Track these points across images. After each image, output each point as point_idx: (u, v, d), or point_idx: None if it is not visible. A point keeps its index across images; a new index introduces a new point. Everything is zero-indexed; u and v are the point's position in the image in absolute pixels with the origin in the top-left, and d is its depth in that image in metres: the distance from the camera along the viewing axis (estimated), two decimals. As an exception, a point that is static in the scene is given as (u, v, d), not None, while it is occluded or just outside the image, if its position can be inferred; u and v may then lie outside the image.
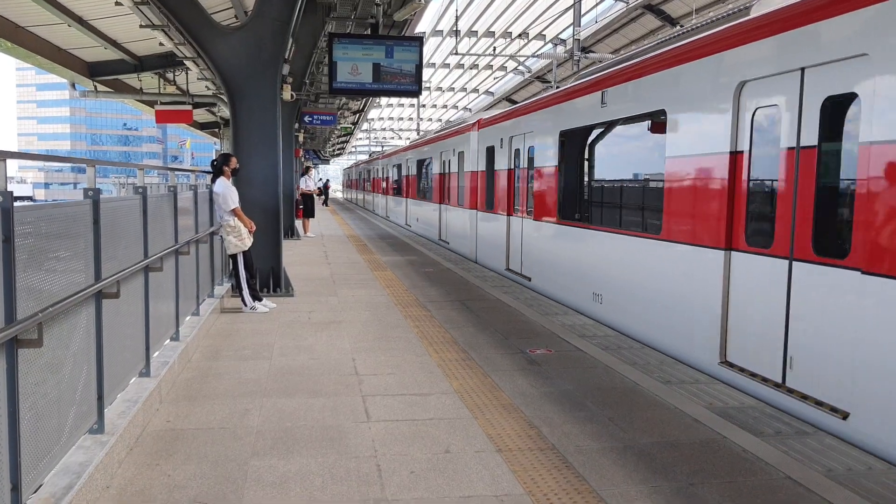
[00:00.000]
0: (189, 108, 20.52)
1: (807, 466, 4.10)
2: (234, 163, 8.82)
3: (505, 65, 33.69)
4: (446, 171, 18.12)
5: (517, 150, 12.10)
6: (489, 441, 4.50)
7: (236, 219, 8.54)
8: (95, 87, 18.90)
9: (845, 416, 4.70)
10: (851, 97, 4.78)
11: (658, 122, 7.21)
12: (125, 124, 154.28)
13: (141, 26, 12.73)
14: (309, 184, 20.93)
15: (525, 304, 9.35)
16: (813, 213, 5.06)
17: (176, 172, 8.09)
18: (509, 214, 12.54)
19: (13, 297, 2.91)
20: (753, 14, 5.99)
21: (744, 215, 5.85)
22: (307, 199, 20.70)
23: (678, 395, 5.43)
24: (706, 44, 6.39)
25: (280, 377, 5.90)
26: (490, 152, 13.80)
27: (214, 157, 9.13)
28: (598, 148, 8.98)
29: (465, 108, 45.77)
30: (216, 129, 32.12)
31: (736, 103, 5.90)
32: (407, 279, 11.55)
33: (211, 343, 7.09)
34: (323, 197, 44.25)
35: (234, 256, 8.69)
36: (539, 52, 27.78)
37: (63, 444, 3.56)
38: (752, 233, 5.79)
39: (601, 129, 8.72)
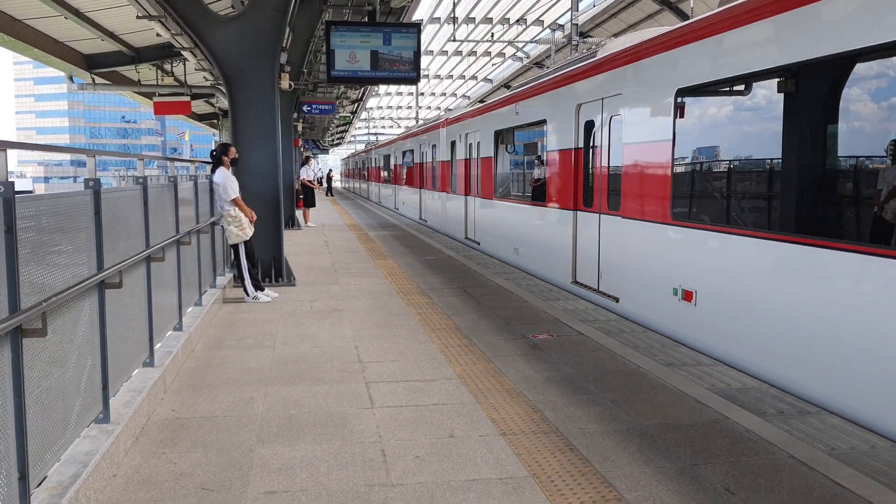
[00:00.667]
0: (187, 99, 20.46)
1: (809, 445, 4.12)
2: (233, 153, 8.80)
3: (503, 51, 33.55)
4: (423, 161, 21.54)
5: (470, 144, 15.42)
6: (493, 425, 4.52)
7: (237, 209, 8.54)
8: (93, 79, 18.82)
9: (617, 300, 8.07)
10: (620, 116, 8.01)
11: (542, 127, 10.58)
12: (123, 117, 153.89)
13: (138, 17, 12.65)
14: (309, 174, 20.88)
15: (527, 290, 9.36)
16: (607, 185, 8.43)
17: (175, 163, 8.08)
18: (466, 195, 15.94)
19: (17, 287, 2.91)
20: (598, 56, 8.89)
21: (581, 188, 9.24)
22: (308, 189, 20.67)
23: (680, 378, 5.45)
24: (564, 78, 9.88)
25: (283, 365, 5.92)
26: (453, 145, 17.18)
27: (213, 148, 9.12)
28: (516, 143, 12.61)
29: (463, 96, 45.60)
30: (215, 121, 32.04)
31: (577, 117, 9.26)
32: (408, 267, 11.56)
33: (214, 333, 7.11)
34: (325, 187, 44.18)
35: (235, 246, 8.69)
36: (537, 38, 27.65)
37: (69, 434, 3.58)
38: (585, 198, 9.16)
39: (517, 131, 12.26)
